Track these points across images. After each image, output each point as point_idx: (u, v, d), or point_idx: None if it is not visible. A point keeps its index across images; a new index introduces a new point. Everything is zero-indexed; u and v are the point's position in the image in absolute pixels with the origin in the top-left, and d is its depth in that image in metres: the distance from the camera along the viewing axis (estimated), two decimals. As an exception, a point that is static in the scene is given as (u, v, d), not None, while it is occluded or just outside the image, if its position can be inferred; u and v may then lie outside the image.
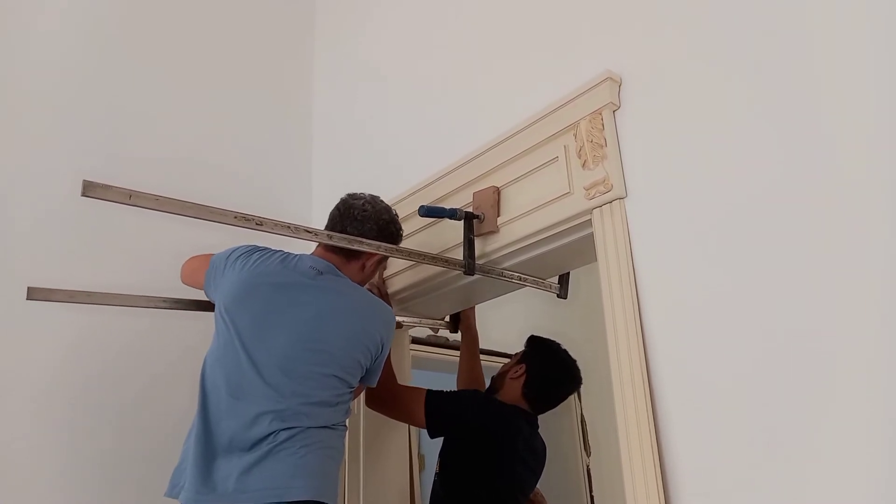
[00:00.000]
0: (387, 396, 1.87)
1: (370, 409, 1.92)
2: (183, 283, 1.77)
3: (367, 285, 1.95)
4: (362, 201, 1.71)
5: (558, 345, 2.06)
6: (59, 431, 1.80)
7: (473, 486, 1.82)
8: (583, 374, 2.04)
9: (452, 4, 2.08)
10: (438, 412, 1.84)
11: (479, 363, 2.24)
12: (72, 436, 1.81)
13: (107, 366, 1.91)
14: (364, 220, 1.67)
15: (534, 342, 2.08)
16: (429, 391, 1.87)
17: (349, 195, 1.74)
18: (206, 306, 1.72)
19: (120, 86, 2.16)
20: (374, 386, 1.71)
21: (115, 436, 1.87)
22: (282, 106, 2.57)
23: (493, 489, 1.83)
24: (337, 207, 1.73)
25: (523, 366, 1.98)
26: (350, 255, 1.67)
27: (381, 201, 1.75)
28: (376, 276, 1.97)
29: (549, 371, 2.00)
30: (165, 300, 1.68)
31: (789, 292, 1.16)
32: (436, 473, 1.93)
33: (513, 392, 1.94)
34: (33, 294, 1.50)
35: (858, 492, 1.04)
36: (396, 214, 1.76)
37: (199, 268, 1.71)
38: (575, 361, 2.04)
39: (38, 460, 1.76)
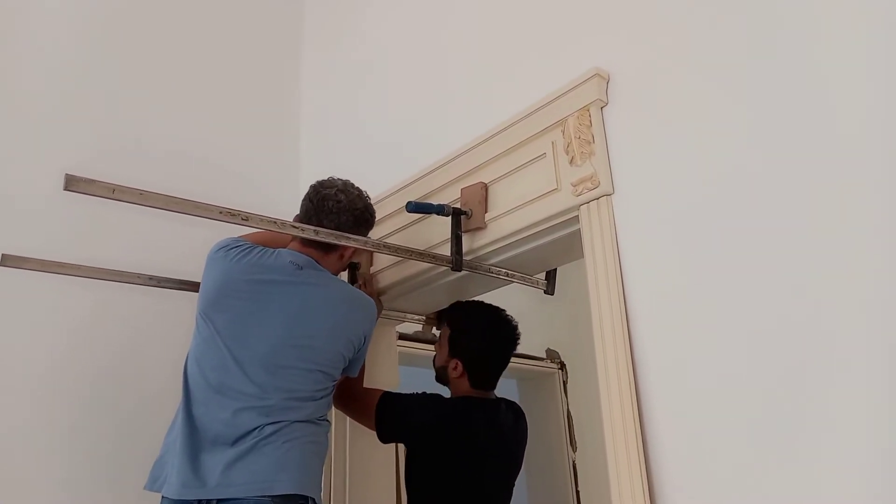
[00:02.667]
0: (347, 396, 1.80)
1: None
2: None
3: (358, 279, 1.95)
4: (335, 190, 1.66)
5: (478, 313, 1.93)
6: (58, 426, 1.79)
7: (433, 489, 1.77)
8: (569, 370, 2.00)
9: (442, 2, 2.07)
10: (386, 417, 1.77)
11: None
12: (70, 430, 1.80)
13: (104, 362, 1.89)
14: (339, 212, 1.64)
15: (452, 324, 1.93)
16: (384, 394, 1.80)
17: (319, 183, 1.70)
18: (185, 285, 1.70)
19: (108, 82, 2.13)
20: (356, 376, 1.70)
21: (115, 431, 1.86)
22: (270, 101, 2.55)
23: (455, 492, 1.76)
24: (309, 198, 1.68)
25: (457, 362, 1.86)
26: (329, 247, 1.65)
27: (353, 188, 1.71)
28: (362, 265, 1.96)
29: (483, 354, 1.88)
30: (140, 276, 1.64)
31: (776, 287, 1.16)
32: None
33: (461, 388, 1.88)
34: (6, 261, 1.48)
35: (854, 491, 1.04)
36: (368, 197, 1.74)
37: None
38: (500, 315, 1.93)
39: (38, 458, 1.74)
